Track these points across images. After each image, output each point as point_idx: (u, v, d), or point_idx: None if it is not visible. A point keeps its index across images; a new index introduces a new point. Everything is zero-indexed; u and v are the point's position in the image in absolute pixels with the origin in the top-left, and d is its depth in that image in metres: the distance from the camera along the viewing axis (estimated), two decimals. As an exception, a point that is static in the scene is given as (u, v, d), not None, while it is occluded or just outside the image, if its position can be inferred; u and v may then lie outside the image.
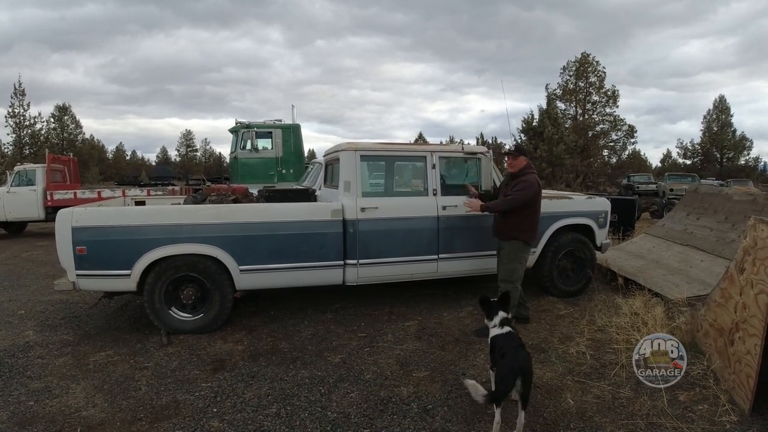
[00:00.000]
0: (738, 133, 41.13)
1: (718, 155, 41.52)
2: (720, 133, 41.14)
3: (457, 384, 3.21)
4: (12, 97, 30.80)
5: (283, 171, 11.23)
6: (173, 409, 2.90)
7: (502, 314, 2.92)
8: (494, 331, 2.89)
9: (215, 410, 2.89)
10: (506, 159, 4.32)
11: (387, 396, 3.06)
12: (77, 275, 3.88)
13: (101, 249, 3.87)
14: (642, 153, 49.69)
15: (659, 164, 50.24)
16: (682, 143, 44.25)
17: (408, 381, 3.26)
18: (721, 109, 41.92)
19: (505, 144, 35.57)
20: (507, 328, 2.85)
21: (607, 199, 5.83)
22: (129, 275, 3.92)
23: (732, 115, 41.65)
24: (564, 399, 3.01)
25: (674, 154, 47.64)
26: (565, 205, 5.27)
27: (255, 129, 11.30)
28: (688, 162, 43.08)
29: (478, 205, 4.21)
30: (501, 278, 4.22)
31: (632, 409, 2.89)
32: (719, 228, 5.66)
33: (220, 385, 3.20)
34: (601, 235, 5.42)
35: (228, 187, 6.03)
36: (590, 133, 32.22)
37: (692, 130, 74.19)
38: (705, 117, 42.76)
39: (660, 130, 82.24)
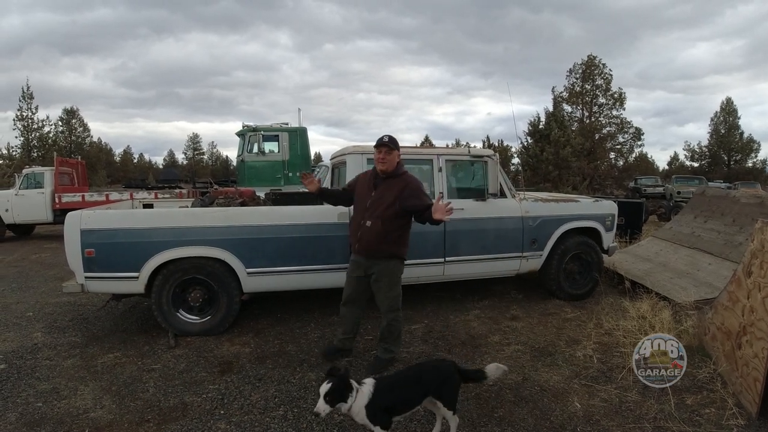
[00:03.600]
0: (745, 135, 41.02)
1: (726, 157, 41.31)
2: (727, 135, 40.94)
3: (464, 387, 3.20)
4: (20, 100, 31.10)
5: (290, 174, 11.24)
6: (181, 411, 2.92)
7: (355, 385, 2.37)
8: (361, 399, 2.34)
9: (222, 412, 2.90)
10: (377, 153, 3.38)
11: (393, 399, 3.05)
12: (86, 277, 3.92)
13: (110, 251, 3.90)
14: (649, 155, 49.52)
15: (666, 167, 50.14)
16: (689, 146, 44.26)
17: (414, 384, 3.25)
18: (729, 111, 41.71)
19: (511, 146, 35.59)
20: (368, 381, 2.42)
21: (614, 202, 5.82)
22: (137, 278, 3.95)
23: (739, 118, 41.56)
24: (571, 402, 3.00)
25: (681, 157, 47.63)
26: (572, 208, 5.26)
27: (262, 132, 11.35)
28: (696, 164, 42.91)
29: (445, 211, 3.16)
30: (386, 309, 3.52)
31: (639, 412, 2.87)
32: (727, 231, 5.63)
33: (227, 387, 3.22)
34: (608, 239, 5.40)
35: (235, 190, 6.05)
36: (597, 136, 32.15)
37: (699, 133, 73.76)
38: (712, 119, 42.67)
39: (667, 132, 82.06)
